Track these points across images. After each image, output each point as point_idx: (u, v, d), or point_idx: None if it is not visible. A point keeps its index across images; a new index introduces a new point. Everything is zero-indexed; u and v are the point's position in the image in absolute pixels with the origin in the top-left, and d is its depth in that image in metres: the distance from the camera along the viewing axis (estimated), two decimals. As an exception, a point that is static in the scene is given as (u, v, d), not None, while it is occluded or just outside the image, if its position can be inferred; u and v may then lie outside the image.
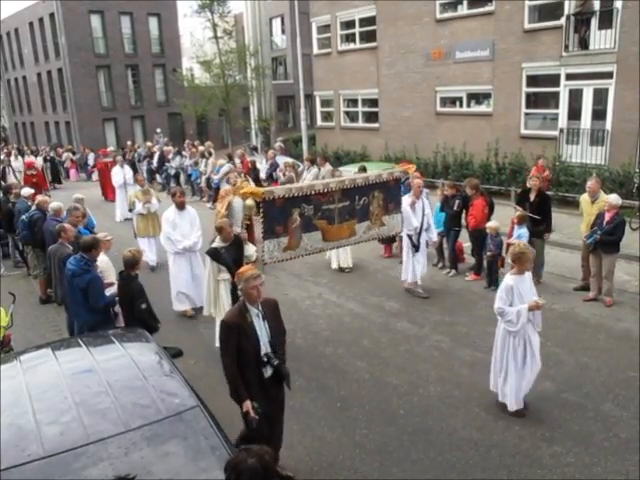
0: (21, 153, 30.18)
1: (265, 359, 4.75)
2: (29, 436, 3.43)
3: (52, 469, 3.20)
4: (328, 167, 14.10)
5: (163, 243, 9.55)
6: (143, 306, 6.32)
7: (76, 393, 3.82)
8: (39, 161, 24.64)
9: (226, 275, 7.41)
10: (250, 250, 7.71)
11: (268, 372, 4.82)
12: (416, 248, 9.53)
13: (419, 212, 9.44)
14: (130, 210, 12.93)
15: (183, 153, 22.10)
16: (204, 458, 3.40)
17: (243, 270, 4.90)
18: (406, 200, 9.17)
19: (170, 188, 19.35)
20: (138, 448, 3.37)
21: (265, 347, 4.78)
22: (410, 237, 9.51)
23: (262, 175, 16.44)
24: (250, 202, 10.98)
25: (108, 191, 20.57)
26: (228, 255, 7.39)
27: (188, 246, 9.35)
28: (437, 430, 5.88)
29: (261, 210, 7.00)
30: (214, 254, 7.47)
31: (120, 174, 17.63)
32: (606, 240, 8.58)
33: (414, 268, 9.59)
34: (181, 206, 9.47)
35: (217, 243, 7.54)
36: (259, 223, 7.29)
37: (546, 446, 5.53)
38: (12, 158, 24.93)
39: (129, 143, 27.83)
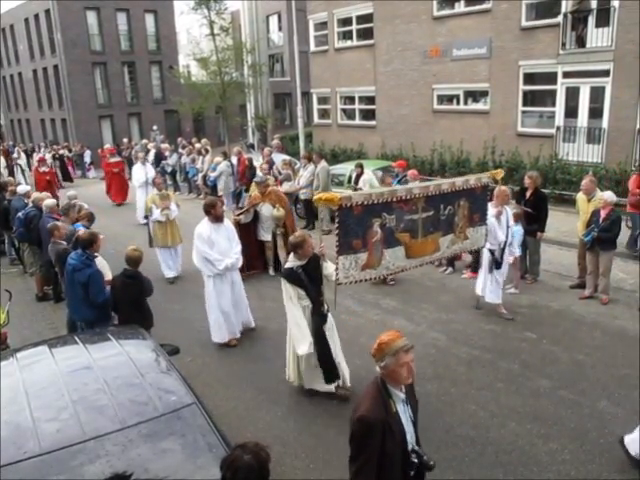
0: (25, 151, 30.01)
1: (414, 458, 3.49)
2: (26, 433, 3.43)
3: (49, 466, 3.20)
4: (323, 164, 14.04)
5: (199, 264, 7.97)
6: None
7: (73, 390, 3.83)
8: (48, 158, 23.86)
9: (306, 301, 6.22)
10: (330, 269, 6.30)
11: (412, 471, 3.53)
12: (498, 265, 8.44)
13: (504, 224, 8.38)
14: (146, 217, 11.93)
15: (180, 151, 22.06)
16: (201, 455, 3.40)
17: (389, 339, 3.44)
18: (491, 211, 8.05)
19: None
20: (135, 445, 3.37)
21: (412, 440, 3.54)
22: (492, 252, 8.37)
23: (259, 173, 16.39)
24: (279, 212, 10.60)
25: (116, 194, 19.85)
26: (306, 276, 6.16)
27: (230, 264, 7.91)
28: (433, 427, 5.88)
29: (336, 220, 6.02)
30: (291, 275, 6.17)
31: (141, 172, 16.39)
32: (603, 237, 8.60)
33: (495, 287, 8.52)
34: (219, 219, 7.99)
35: (292, 262, 6.24)
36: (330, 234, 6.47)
37: (542, 443, 5.55)
38: (16, 155, 24.66)
39: (125, 140, 27.78)
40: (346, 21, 23.74)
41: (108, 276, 7.05)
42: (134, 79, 37.12)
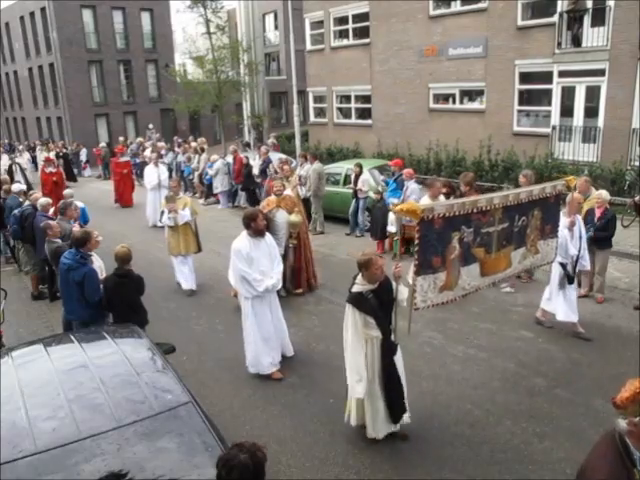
0: (30, 148, 29.72)
1: None
2: (21, 432, 3.42)
3: (44, 465, 3.19)
4: (315, 165, 14.02)
5: (236, 285, 7.27)
6: None
7: (68, 389, 3.82)
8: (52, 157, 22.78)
9: (375, 331, 5.35)
10: (404, 293, 5.49)
11: None
12: (570, 279, 7.79)
13: (576, 235, 7.74)
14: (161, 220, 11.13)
15: (175, 149, 22.04)
16: (196, 454, 3.40)
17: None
18: (563, 221, 7.34)
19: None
20: (131, 444, 3.37)
21: None
22: (564, 266, 7.72)
23: (255, 171, 16.41)
24: (296, 218, 9.62)
25: (123, 196, 19.20)
26: (377, 302, 5.32)
27: (271, 286, 6.96)
28: (429, 426, 5.90)
29: (416, 235, 5.24)
30: (359, 301, 5.31)
31: (154, 174, 15.73)
32: (599, 236, 8.64)
33: (569, 304, 7.80)
34: (259, 233, 7.02)
35: (360, 285, 5.37)
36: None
37: (537, 442, 5.57)
38: (17, 154, 24.21)
39: (121, 139, 27.72)
40: (342, 20, 23.75)
41: (102, 275, 7.05)
42: (130, 77, 37.01)
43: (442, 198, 9.20)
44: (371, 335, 5.33)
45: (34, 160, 26.98)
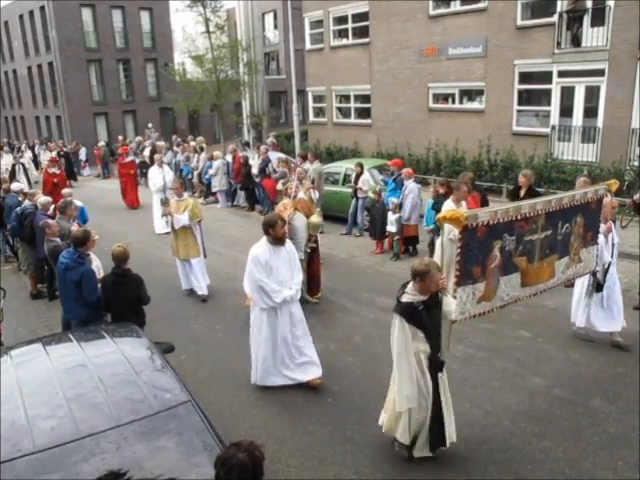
0: (30, 147, 29.62)
1: None
2: (20, 431, 3.42)
3: (43, 464, 3.19)
4: (315, 165, 14.03)
5: (251, 293, 6.62)
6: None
7: (67, 388, 3.82)
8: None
9: (423, 345, 5.01)
10: (451, 305, 5.06)
11: None
12: (600, 287, 7.37)
13: (610, 241, 7.30)
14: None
15: (174, 149, 22.03)
16: (195, 453, 3.40)
17: None
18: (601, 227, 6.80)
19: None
20: (130, 443, 3.37)
21: None
22: (594, 273, 7.16)
23: (254, 171, 16.41)
24: (316, 219, 9.27)
25: (129, 197, 18.67)
26: (427, 314, 4.97)
27: (289, 297, 6.48)
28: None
29: (458, 243, 4.98)
30: (409, 313, 4.93)
31: (159, 176, 14.97)
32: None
33: (606, 313, 7.38)
34: (279, 241, 6.52)
35: (411, 295, 4.97)
36: (448, 261, 5.29)
37: (536, 441, 5.57)
38: (20, 154, 24.00)
39: (120, 138, 27.71)
40: (342, 19, 23.75)
41: (100, 274, 7.05)
42: (129, 76, 36.99)
43: (464, 204, 8.82)
44: (419, 349, 5.02)
45: (35, 159, 26.89)
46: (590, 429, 5.71)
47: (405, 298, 4.98)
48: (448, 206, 8.32)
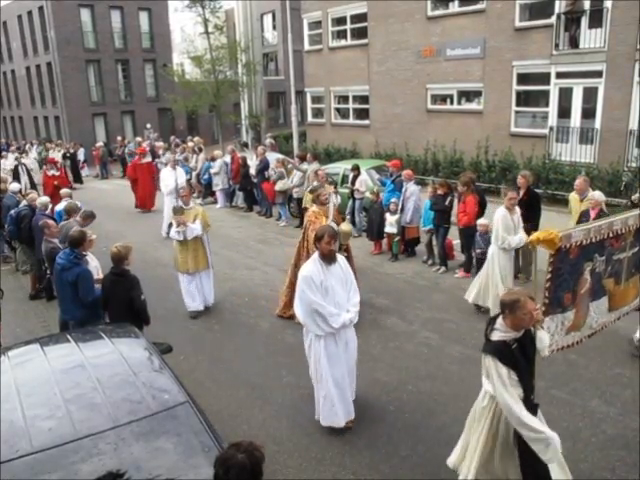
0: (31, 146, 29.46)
1: None
2: (18, 432, 3.41)
3: (41, 465, 3.19)
4: (313, 165, 14.01)
5: (304, 320, 5.69)
6: (143, 297, 6.42)
7: (65, 389, 3.82)
8: (58, 157, 22.39)
9: (517, 389, 4.17)
10: (545, 341, 4.41)
11: None
12: None
13: None
14: (169, 232, 10.17)
15: (173, 149, 22.00)
16: (194, 454, 3.40)
17: None
18: None
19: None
20: (128, 444, 3.36)
21: None
22: None
23: (252, 171, 16.40)
24: (347, 227, 8.70)
25: (143, 199, 18.00)
26: (520, 353, 4.17)
27: (349, 320, 5.68)
28: (426, 426, 5.90)
29: (549, 267, 4.52)
30: (503, 352, 4.13)
31: (171, 177, 14.39)
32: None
33: None
34: (330, 258, 5.69)
35: (503, 332, 4.19)
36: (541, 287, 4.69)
37: (534, 442, 5.57)
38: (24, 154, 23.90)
39: (119, 138, 27.69)
40: (340, 20, 23.78)
41: (98, 275, 7.04)
42: (128, 77, 36.97)
43: (518, 209, 8.41)
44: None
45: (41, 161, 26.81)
46: (588, 430, 5.72)
47: (495, 336, 4.21)
48: (500, 214, 7.96)
